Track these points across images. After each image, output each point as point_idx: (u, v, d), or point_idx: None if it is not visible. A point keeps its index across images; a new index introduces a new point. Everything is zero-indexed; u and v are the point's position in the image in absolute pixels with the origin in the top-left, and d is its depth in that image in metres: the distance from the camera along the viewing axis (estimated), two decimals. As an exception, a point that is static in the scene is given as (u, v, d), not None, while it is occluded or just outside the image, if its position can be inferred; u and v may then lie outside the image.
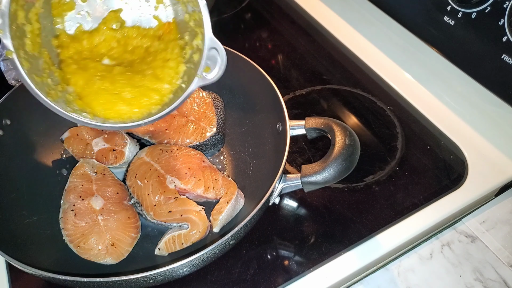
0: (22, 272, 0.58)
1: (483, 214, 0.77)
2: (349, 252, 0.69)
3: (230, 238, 0.59)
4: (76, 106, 0.62)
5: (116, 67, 0.65)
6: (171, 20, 0.67)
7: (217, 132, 0.81)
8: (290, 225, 0.73)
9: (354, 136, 0.67)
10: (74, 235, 0.67)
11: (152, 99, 0.63)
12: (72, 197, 0.70)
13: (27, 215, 0.71)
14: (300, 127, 0.73)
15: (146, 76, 0.64)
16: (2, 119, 0.75)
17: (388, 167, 0.81)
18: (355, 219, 0.73)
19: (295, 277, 0.67)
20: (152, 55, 0.66)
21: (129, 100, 0.62)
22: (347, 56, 1.03)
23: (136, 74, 0.64)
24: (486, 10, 0.77)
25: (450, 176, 0.79)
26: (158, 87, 0.63)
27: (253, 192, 0.74)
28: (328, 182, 0.65)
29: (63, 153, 0.82)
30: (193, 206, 0.70)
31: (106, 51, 0.68)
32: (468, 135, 0.85)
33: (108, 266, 0.67)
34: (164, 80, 0.64)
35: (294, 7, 1.17)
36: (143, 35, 0.68)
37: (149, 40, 0.68)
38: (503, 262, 0.71)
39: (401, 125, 0.87)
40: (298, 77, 0.99)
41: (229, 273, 0.68)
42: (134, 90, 0.63)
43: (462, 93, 0.92)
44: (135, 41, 0.68)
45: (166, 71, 0.64)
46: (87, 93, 0.63)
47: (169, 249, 0.67)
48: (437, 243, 0.73)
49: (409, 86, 0.94)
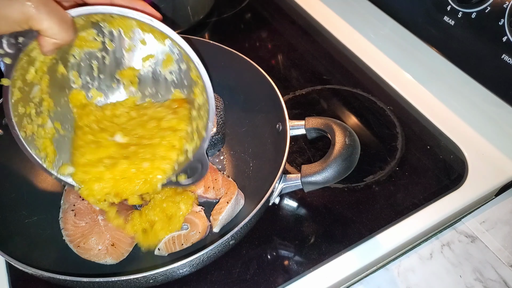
0: (22, 272, 0.58)
1: (483, 214, 0.77)
2: (349, 252, 0.69)
3: (230, 238, 0.59)
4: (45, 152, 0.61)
5: (131, 146, 0.63)
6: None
7: (217, 132, 0.81)
8: (290, 225, 0.73)
9: (354, 136, 0.67)
10: (74, 235, 0.67)
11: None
12: (72, 197, 0.70)
13: (27, 215, 0.71)
14: (300, 127, 0.73)
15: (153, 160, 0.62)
16: (2, 119, 0.75)
17: (388, 167, 0.81)
18: (355, 219, 0.73)
19: (295, 277, 0.67)
20: (161, 132, 0.64)
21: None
22: (347, 56, 1.03)
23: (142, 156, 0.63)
24: (486, 10, 0.77)
25: (450, 176, 0.79)
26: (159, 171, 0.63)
27: (253, 192, 0.74)
28: (328, 182, 0.65)
29: (63, 153, 0.82)
30: (192, 207, 0.70)
31: (125, 121, 0.66)
32: (468, 135, 0.85)
33: (108, 266, 0.67)
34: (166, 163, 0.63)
35: (294, 7, 1.17)
36: (159, 105, 0.67)
37: (164, 111, 0.65)
38: (503, 262, 0.71)
39: (401, 125, 0.87)
40: (298, 77, 0.99)
41: (229, 273, 0.68)
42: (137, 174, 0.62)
43: (462, 93, 0.92)
44: (150, 111, 0.66)
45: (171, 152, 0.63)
46: (83, 164, 0.62)
47: (169, 249, 0.67)
48: (437, 243, 0.73)
49: (409, 86, 0.94)
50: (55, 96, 0.61)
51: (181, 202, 0.67)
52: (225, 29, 1.14)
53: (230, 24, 1.16)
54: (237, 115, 0.86)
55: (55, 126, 0.62)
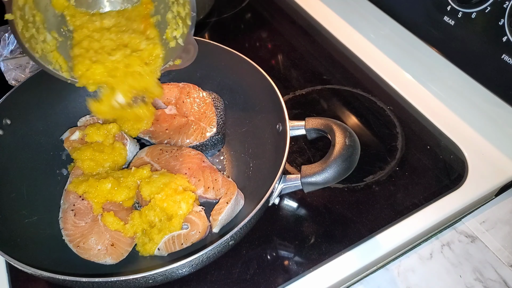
0: (22, 272, 0.58)
1: (483, 214, 0.77)
2: (349, 252, 0.69)
3: (230, 238, 0.59)
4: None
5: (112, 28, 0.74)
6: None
7: (217, 132, 0.81)
8: (290, 225, 0.73)
9: (354, 137, 0.67)
10: (74, 235, 0.67)
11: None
12: (72, 197, 0.70)
13: (27, 215, 0.71)
14: (300, 128, 0.73)
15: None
16: (2, 119, 0.75)
17: (388, 167, 0.81)
18: (355, 219, 0.73)
19: (295, 277, 0.67)
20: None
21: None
22: (347, 56, 1.03)
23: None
24: (486, 10, 0.77)
25: (450, 176, 0.79)
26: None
27: (253, 192, 0.74)
28: (328, 183, 0.65)
29: (63, 153, 0.82)
30: (193, 206, 0.70)
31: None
32: (468, 135, 0.85)
33: (107, 266, 0.67)
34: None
35: (294, 7, 1.17)
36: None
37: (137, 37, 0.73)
38: (503, 262, 0.71)
39: (401, 125, 0.87)
40: (298, 77, 0.99)
41: (229, 273, 0.68)
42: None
43: (462, 93, 0.92)
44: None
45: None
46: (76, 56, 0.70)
47: (169, 249, 0.67)
48: (437, 243, 0.73)
49: (409, 86, 0.94)
50: (40, 9, 0.69)
51: (182, 201, 0.67)
52: (225, 29, 1.14)
53: (230, 24, 1.16)
54: (237, 115, 0.86)
55: (52, 36, 0.71)
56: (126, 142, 0.79)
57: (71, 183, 0.71)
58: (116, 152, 0.77)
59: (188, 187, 0.71)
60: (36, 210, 0.73)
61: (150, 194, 0.69)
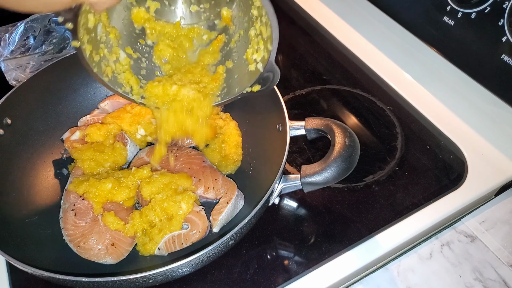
0: (22, 272, 0.58)
1: (482, 214, 0.77)
2: (349, 252, 0.69)
3: (230, 238, 0.59)
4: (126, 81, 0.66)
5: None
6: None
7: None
8: (290, 225, 0.73)
9: (354, 137, 0.67)
10: (74, 235, 0.67)
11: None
12: (72, 197, 0.70)
13: (27, 215, 0.72)
14: (300, 128, 0.73)
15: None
16: (2, 119, 0.75)
17: (388, 167, 0.81)
18: (355, 219, 0.73)
19: (295, 277, 0.67)
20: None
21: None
22: (347, 56, 1.03)
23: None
24: (485, 10, 0.77)
25: (449, 176, 0.79)
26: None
27: (253, 192, 0.74)
28: (327, 183, 0.65)
29: (63, 153, 0.82)
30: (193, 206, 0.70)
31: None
32: (468, 135, 0.85)
33: (108, 266, 0.67)
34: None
35: (294, 7, 1.17)
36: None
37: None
38: (503, 262, 0.71)
39: (401, 125, 0.88)
40: (298, 77, 0.99)
41: (229, 273, 0.68)
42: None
43: (462, 93, 0.92)
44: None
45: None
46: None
47: (169, 249, 0.67)
48: (436, 243, 0.73)
49: (409, 86, 0.94)
50: (116, 22, 0.64)
51: (182, 201, 0.68)
52: (225, 29, 1.14)
53: (230, 24, 1.15)
54: (237, 115, 0.86)
55: (127, 53, 0.66)
56: (127, 142, 0.79)
57: (71, 183, 0.71)
58: (116, 152, 0.77)
59: (188, 187, 0.72)
60: (36, 210, 0.73)
61: (151, 194, 0.69)
